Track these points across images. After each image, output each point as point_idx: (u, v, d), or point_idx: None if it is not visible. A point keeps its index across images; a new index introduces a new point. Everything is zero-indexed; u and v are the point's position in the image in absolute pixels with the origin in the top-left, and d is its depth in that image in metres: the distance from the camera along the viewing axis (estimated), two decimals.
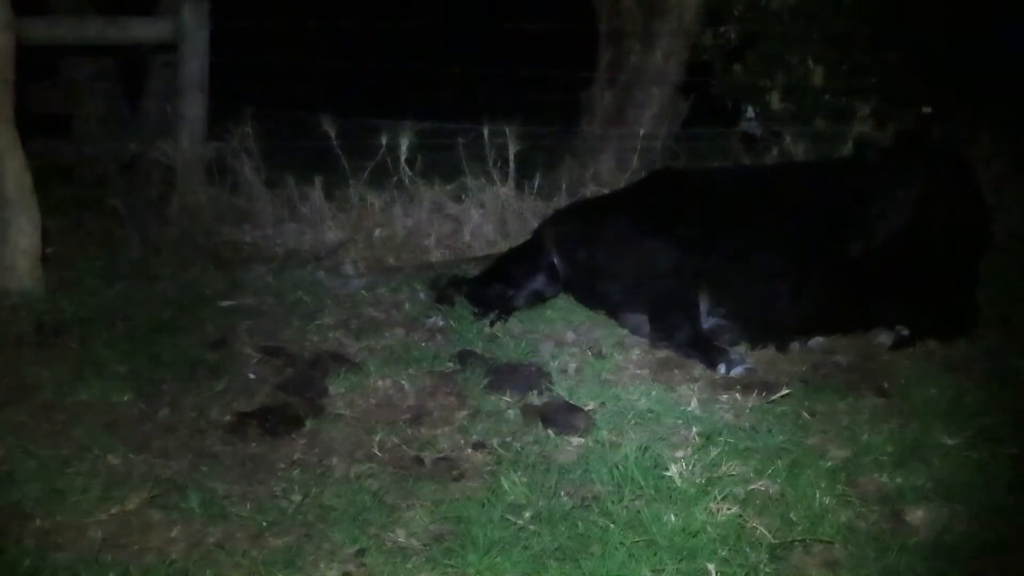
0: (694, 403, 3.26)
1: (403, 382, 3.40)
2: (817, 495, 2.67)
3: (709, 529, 2.51)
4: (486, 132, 5.05)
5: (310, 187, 5.14)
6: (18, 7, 3.87)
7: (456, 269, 4.66)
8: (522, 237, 4.75)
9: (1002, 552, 2.52)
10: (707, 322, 3.87)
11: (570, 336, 3.94)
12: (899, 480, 2.82)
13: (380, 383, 3.39)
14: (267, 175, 5.25)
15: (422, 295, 4.23)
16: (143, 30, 5.36)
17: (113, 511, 2.60)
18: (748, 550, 2.45)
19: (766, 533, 2.51)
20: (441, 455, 2.97)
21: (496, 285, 4.18)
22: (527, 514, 2.60)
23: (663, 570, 2.38)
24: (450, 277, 4.34)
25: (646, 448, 2.84)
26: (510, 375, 3.45)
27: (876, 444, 3.00)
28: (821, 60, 5.91)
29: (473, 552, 2.43)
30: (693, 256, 3.87)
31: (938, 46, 5.50)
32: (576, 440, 3.03)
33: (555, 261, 4.16)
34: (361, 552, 2.48)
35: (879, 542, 2.53)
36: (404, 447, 3.00)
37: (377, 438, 3.03)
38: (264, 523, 2.59)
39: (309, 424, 3.13)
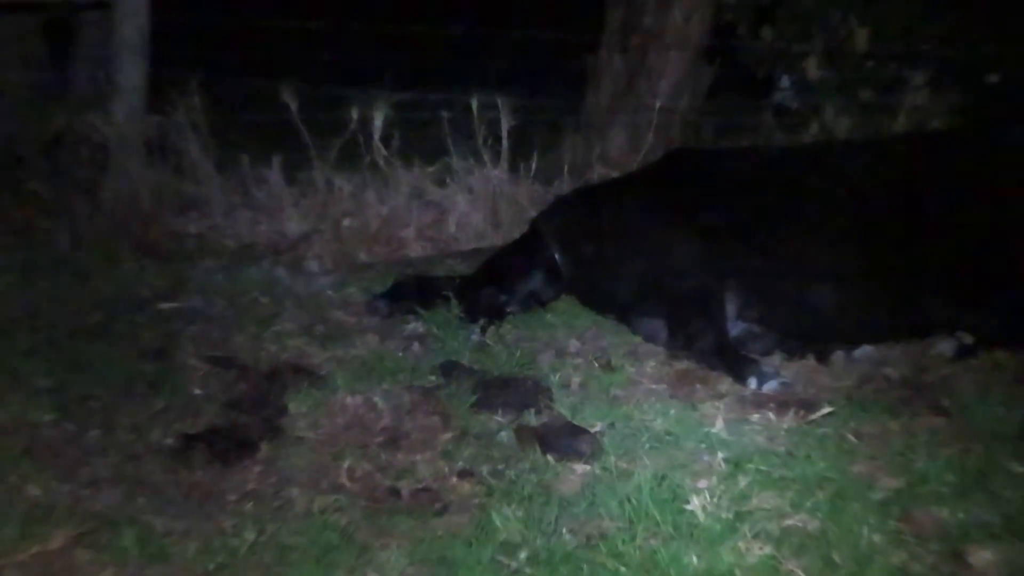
0: (720, 424, 3.24)
1: (376, 399, 3.39)
2: (864, 532, 2.65)
3: (738, 572, 2.49)
4: (475, 104, 5.04)
5: (267, 168, 5.13)
6: None
7: (438, 265, 4.66)
8: (517, 228, 4.74)
9: None
10: (735, 328, 3.87)
11: (573, 345, 3.93)
12: (961, 515, 2.80)
13: (349, 400, 3.38)
14: (217, 154, 5.24)
15: (378, 302, 4.21)
16: None
17: (33, 551, 2.57)
18: None
19: None
20: (421, 485, 2.95)
21: (486, 285, 4.17)
22: (522, 555, 2.58)
23: None
24: (405, 276, 4.35)
25: (663, 477, 2.83)
26: (503, 391, 3.44)
27: (934, 472, 2.98)
28: (866, 20, 5.92)
29: None
30: (719, 250, 3.87)
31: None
32: (580, 467, 3.02)
33: (555, 257, 4.17)
34: None
35: None
36: (377, 475, 2.99)
37: (345, 465, 3.01)
38: (211, 565, 2.56)
39: (265, 448, 3.11)
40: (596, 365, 3.73)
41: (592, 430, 3.21)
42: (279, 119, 5.00)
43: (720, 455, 3.04)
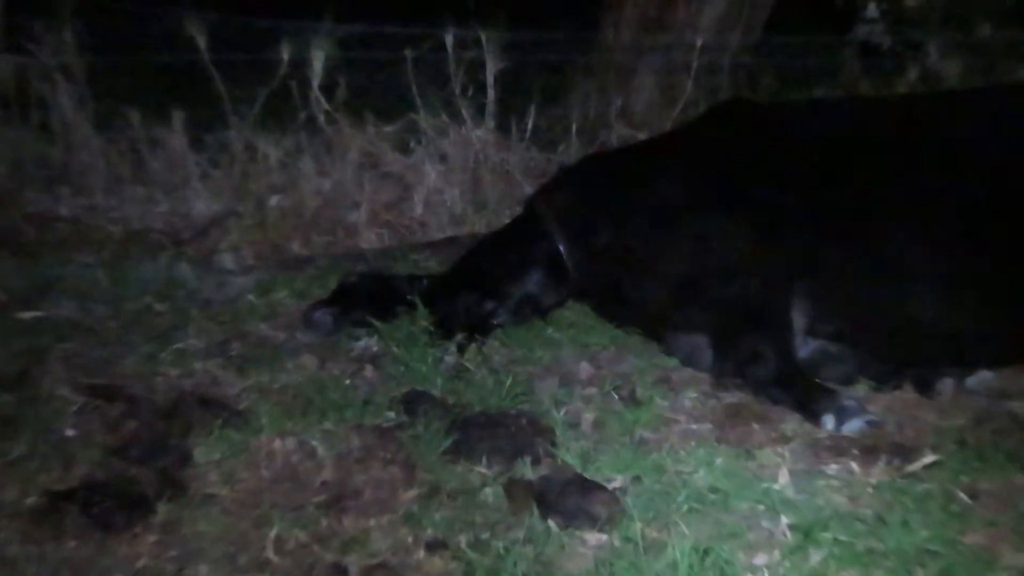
0: (784, 478, 3.24)
1: (314, 443, 3.38)
2: None
3: None
4: (450, 40, 5.03)
5: (166, 129, 5.12)
6: None
7: (400, 260, 4.64)
8: (507, 210, 4.73)
9: None
10: (806, 346, 3.88)
11: (584, 369, 3.94)
12: None
13: (278, 445, 3.37)
14: (97, 109, 5.22)
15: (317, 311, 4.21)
16: None
17: None
18: None
19: None
20: (376, 560, 2.94)
21: (466, 288, 4.19)
22: None
23: None
24: (354, 276, 4.36)
25: (707, 550, 2.82)
26: (488, 432, 3.43)
27: None
28: None
29: None
30: (784, 240, 3.87)
31: None
32: (593, 537, 3.01)
33: (560, 249, 4.17)
34: None
35: None
36: (316, 547, 2.97)
37: (272, 533, 3.00)
38: None
39: (162, 511, 3.09)
40: (616, 397, 3.73)
41: (610, 486, 3.19)
42: (182, 61, 4.99)
43: (784, 520, 3.03)
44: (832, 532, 2.95)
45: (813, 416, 3.60)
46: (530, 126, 5.21)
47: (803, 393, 3.67)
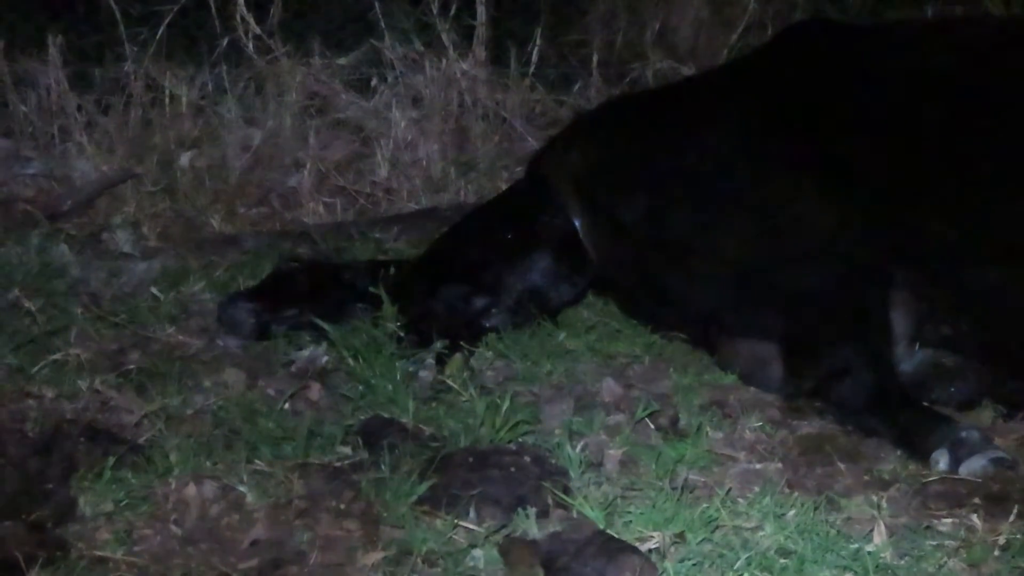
0: (880, 535, 3.21)
1: (242, 489, 3.37)
2: None
3: None
4: None
5: (38, 60, 5.12)
6: None
7: (357, 241, 4.64)
8: (504, 173, 4.73)
9: None
10: (910, 358, 3.87)
11: (609, 389, 3.94)
12: None
13: (191, 491, 3.34)
14: None
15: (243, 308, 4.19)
16: None
17: None
18: None
19: None
20: None
21: (448, 279, 4.20)
22: None
23: None
24: (294, 262, 4.37)
25: None
26: (477, 474, 3.42)
27: None
28: None
29: None
30: (880, 213, 3.86)
31: None
32: None
33: (576, 225, 4.18)
34: None
35: None
36: None
37: None
38: None
39: None
40: (651, 426, 3.72)
41: (644, 547, 3.16)
42: None
43: None
44: None
45: (920, 452, 3.60)
46: (535, 57, 5.20)
47: (906, 421, 3.67)
